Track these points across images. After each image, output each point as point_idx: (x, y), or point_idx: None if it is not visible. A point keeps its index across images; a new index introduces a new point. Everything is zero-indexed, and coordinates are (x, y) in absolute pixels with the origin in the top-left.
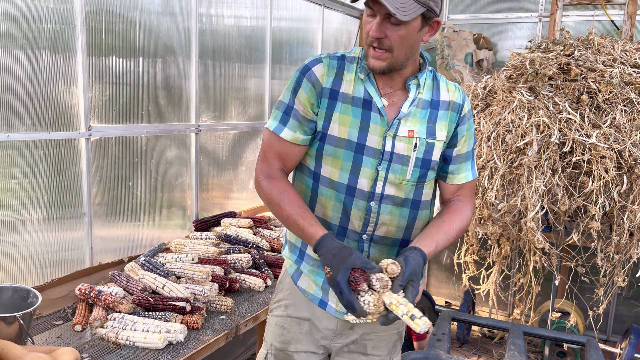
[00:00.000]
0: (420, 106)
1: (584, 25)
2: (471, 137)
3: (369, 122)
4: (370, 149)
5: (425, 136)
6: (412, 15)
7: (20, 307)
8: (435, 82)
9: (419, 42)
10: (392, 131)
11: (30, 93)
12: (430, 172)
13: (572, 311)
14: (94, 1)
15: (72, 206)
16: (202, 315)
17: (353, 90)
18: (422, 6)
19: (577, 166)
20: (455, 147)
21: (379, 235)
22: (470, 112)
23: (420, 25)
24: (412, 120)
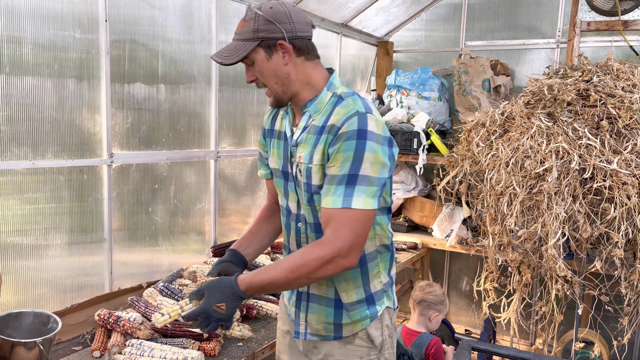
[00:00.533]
0: (312, 132)
1: (602, 51)
2: (349, 160)
3: (287, 151)
4: (289, 174)
5: (307, 161)
6: (241, 55)
7: (40, 333)
8: (333, 107)
9: (281, 69)
10: (294, 158)
11: (56, 121)
12: (315, 197)
13: (596, 341)
14: (118, 30)
15: (93, 231)
16: (219, 342)
17: (280, 127)
18: (252, 41)
19: (599, 192)
20: (327, 168)
21: None
22: (352, 133)
23: (267, 55)
24: (303, 146)
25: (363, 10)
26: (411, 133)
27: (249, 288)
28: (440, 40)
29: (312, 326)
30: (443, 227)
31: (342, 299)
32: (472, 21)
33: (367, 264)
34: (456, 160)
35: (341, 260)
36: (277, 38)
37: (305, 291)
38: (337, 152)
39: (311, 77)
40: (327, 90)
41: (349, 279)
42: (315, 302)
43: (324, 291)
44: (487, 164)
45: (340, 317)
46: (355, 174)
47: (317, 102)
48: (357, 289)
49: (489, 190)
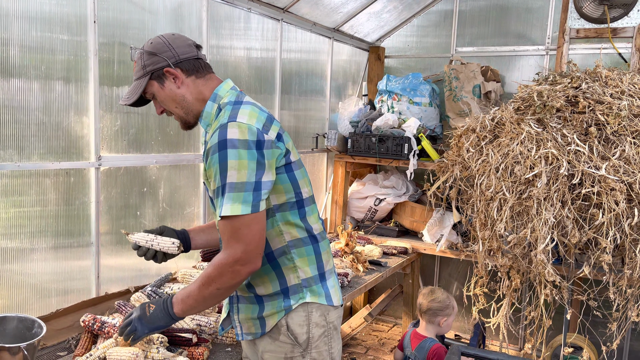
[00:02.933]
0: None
1: (591, 58)
2: (218, 173)
3: None
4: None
5: (205, 179)
6: (139, 92)
7: (25, 338)
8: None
9: (175, 93)
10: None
11: (42, 123)
12: (212, 207)
13: (585, 346)
14: (107, 33)
15: (80, 235)
16: (207, 347)
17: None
18: (143, 77)
19: (587, 198)
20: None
21: None
22: (214, 147)
23: (160, 84)
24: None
25: (355, 15)
26: (402, 138)
27: (176, 297)
28: (431, 46)
29: (245, 325)
30: (433, 232)
31: (260, 291)
32: (463, 27)
33: (277, 259)
34: (446, 166)
35: (240, 267)
36: (162, 67)
37: (235, 295)
38: (209, 168)
39: (204, 92)
40: (213, 102)
41: (262, 274)
42: (243, 302)
43: (245, 291)
44: (477, 170)
45: (262, 310)
46: (223, 184)
47: (204, 116)
48: (272, 282)
49: (479, 196)
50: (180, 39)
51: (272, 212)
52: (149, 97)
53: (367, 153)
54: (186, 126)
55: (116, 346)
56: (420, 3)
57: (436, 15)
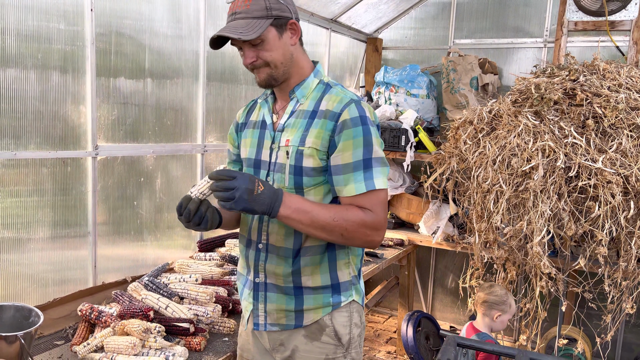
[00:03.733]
0: (300, 116)
1: (589, 51)
2: (360, 146)
3: (263, 139)
4: (263, 162)
5: (297, 144)
6: (259, 31)
7: (21, 327)
8: (322, 93)
9: (288, 49)
10: (276, 143)
11: (39, 112)
12: (306, 179)
13: (579, 338)
14: (104, 23)
15: (77, 225)
16: (204, 337)
17: (257, 117)
18: (266, 19)
19: (583, 191)
20: (334, 156)
21: (272, 244)
22: (356, 120)
23: (278, 34)
24: (290, 130)
25: (353, 6)
26: (399, 130)
27: (291, 200)
28: (429, 38)
29: (272, 316)
30: (429, 224)
31: (306, 282)
32: (461, 20)
33: (336, 250)
34: (443, 158)
35: (375, 235)
36: (288, 17)
37: (262, 281)
38: (346, 140)
39: (302, 62)
40: (314, 77)
41: (316, 262)
42: (273, 291)
43: (281, 279)
44: (474, 162)
45: (301, 303)
46: (369, 157)
47: (304, 86)
48: (323, 274)
49: (476, 188)
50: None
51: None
52: (255, 41)
53: None
54: (269, 84)
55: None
56: None
57: (434, 7)
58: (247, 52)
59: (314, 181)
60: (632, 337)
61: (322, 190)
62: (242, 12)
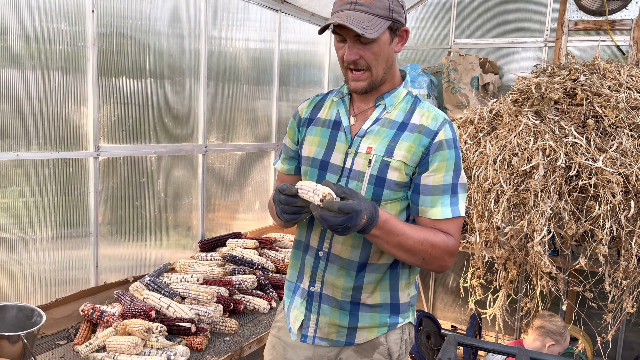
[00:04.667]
0: (386, 125)
1: (589, 50)
2: (451, 170)
3: (335, 141)
4: (333, 165)
5: (382, 154)
6: (379, 32)
7: (24, 326)
8: (413, 106)
9: (392, 55)
10: (353, 148)
11: (41, 113)
12: (386, 192)
13: (580, 337)
14: (105, 23)
15: (79, 225)
16: (206, 336)
17: (327, 115)
18: (386, 20)
19: (584, 190)
20: (425, 175)
21: (334, 253)
22: (450, 142)
23: (390, 38)
24: (374, 138)
25: None
26: None
27: (385, 221)
28: (429, 38)
29: (323, 330)
30: None
31: (364, 299)
32: (462, 19)
33: (399, 269)
34: None
35: (451, 260)
36: (402, 24)
37: (318, 291)
38: (441, 161)
39: (395, 70)
40: (404, 87)
41: (378, 280)
42: (327, 303)
43: (339, 293)
44: (474, 161)
45: (356, 320)
46: (456, 182)
47: (394, 95)
48: (382, 292)
49: (477, 187)
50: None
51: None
52: (363, 41)
53: None
54: (368, 89)
55: (115, 335)
56: None
57: (435, 6)
58: (352, 47)
59: (394, 195)
60: (633, 336)
61: (398, 205)
62: (364, 5)
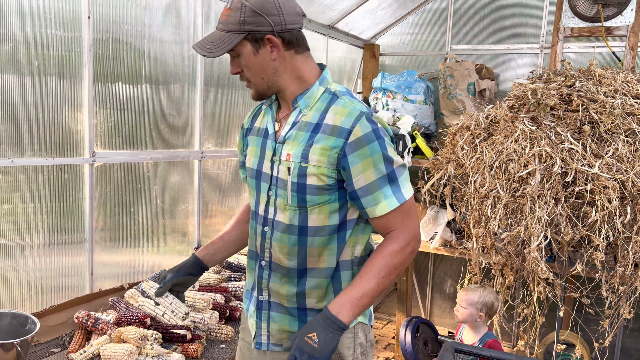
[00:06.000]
0: (302, 129)
1: (585, 57)
2: (380, 162)
3: (265, 149)
4: (265, 174)
5: (299, 160)
6: (226, 48)
7: (18, 334)
8: (328, 104)
9: (268, 64)
10: (277, 155)
11: (36, 119)
12: (309, 197)
13: (577, 343)
14: (101, 29)
15: (74, 231)
16: (201, 344)
17: (261, 123)
18: (238, 34)
19: (580, 196)
20: (355, 179)
21: (275, 262)
22: (369, 136)
23: (254, 49)
24: (292, 143)
25: (350, 13)
26: (396, 136)
27: (341, 308)
28: (426, 44)
29: (275, 336)
30: (427, 229)
31: (311, 304)
32: (458, 25)
33: (340, 271)
34: (441, 163)
35: (416, 243)
36: (265, 32)
37: (266, 299)
38: (364, 159)
39: (301, 71)
40: (320, 85)
41: (322, 285)
42: (276, 310)
43: (286, 300)
44: (471, 167)
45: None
46: (392, 169)
47: (307, 96)
48: (328, 295)
49: (473, 193)
50: (290, 3)
51: (359, 221)
52: (232, 54)
53: None
54: (260, 98)
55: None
56: (415, 1)
57: (431, 13)
58: (232, 63)
59: (318, 200)
60: (630, 342)
61: (327, 209)
62: (221, 23)
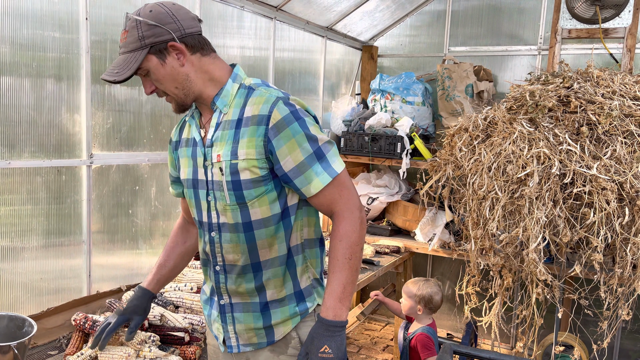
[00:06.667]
0: (226, 127)
1: (582, 58)
2: (304, 141)
3: (196, 157)
4: (200, 182)
5: (229, 158)
6: (134, 67)
7: (15, 336)
8: (245, 99)
9: (178, 72)
10: (208, 160)
11: (33, 120)
12: (247, 192)
13: (576, 345)
14: (99, 31)
15: (71, 234)
16: (199, 346)
17: (189, 133)
18: (141, 50)
19: (579, 197)
20: (283, 161)
21: (229, 264)
22: (289, 118)
23: (161, 60)
24: (220, 144)
25: (348, 14)
26: (395, 137)
27: (334, 310)
28: (424, 46)
29: (243, 336)
30: (426, 231)
31: (272, 296)
32: (456, 27)
33: (293, 257)
34: (439, 165)
35: (359, 212)
36: (166, 40)
37: (228, 302)
38: (288, 140)
39: (212, 72)
40: (233, 82)
41: (277, 274)
42: (239, 310)
43: (247, 297)
44: (469, 169)
45: (269, 318)
46: (318, 146)
47: (223, 95)
48: (286, 283)
49: (472, 195)
50: (183, 10)
51: (300, 204)
52: (141, 73)
53: (360, 152)
54: (182, 108)
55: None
56: (413, 3)
57: (429, 15)
58: (144, 84)
59: (255, 192)
60: (629, 344)
61: (266, 200)
62: (122, 46)
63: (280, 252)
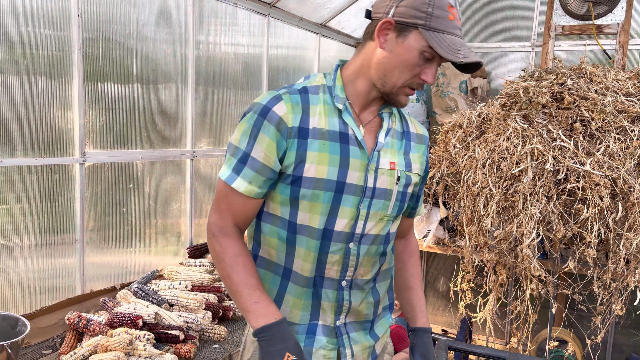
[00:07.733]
0: (396, 137)
1: (576, 55)
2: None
3: (349, 157)
4: (351, 186)
5: (404, 168)
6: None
7: (8, 336)
8: (400, 113)
9: None
10: (373, 164)
11: (25, 118)
12: (407, 205)
13: (569, 340)
14: (91, 28)
15: (65, 232)
16: (194, 344)
17: (326, 124)
18: None
19: (572, 193)
20: (424, 181)
21: (358, 278)
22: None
23: None
24: (390, 151)
25: (342, 11)
26: None
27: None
28: None
29: (358, 357)
30: (420, 227)
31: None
32: None
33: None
34: (433, 161)
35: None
36: None
37: (343, 322)
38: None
39: None
40: None
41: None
42: (354, 330)
43: (362, 315)
44: (463, 165)
45: (375, 335)
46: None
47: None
48: (389, 293)
49: (466, 191)
50: None
51: None
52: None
53: None
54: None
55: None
56: None
57: None
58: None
59: (407, 207)
60: (622, 339)
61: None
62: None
63: (390, 264)
